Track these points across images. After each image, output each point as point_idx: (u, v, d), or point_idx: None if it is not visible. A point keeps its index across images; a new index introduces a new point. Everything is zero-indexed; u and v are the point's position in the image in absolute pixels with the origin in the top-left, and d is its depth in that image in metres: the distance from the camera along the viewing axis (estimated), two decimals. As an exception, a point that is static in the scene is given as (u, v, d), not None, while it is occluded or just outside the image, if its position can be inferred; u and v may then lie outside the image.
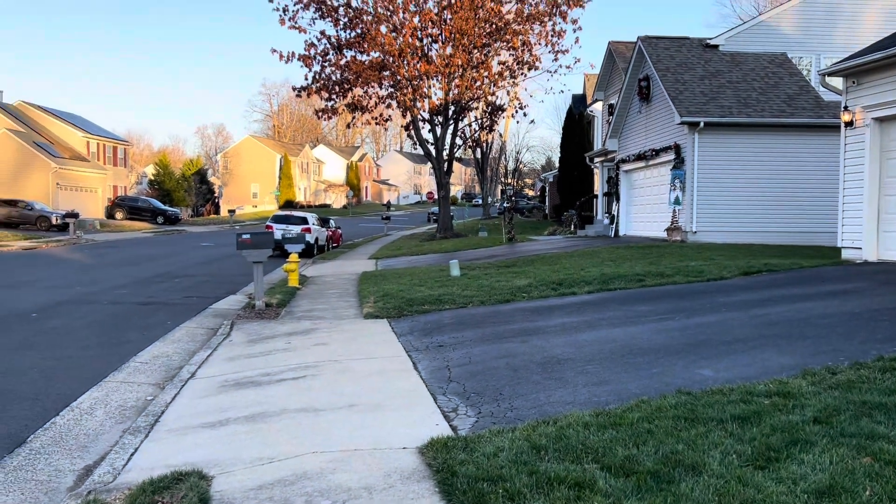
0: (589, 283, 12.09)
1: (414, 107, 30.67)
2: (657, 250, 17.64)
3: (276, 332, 10.00)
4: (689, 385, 5.56)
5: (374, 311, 11.17)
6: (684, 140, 20.10)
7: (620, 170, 25.32)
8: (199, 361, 8.29)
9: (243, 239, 11.69)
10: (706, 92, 20.61)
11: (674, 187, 20.34)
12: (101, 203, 52.59)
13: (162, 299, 14.22)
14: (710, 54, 22.38)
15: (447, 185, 33.62)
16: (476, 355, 7.49)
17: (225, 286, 16.57)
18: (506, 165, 79.43)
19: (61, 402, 6.63)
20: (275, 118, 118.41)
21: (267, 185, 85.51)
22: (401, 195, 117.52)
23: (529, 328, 8.76)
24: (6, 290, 15.25)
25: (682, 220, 20.25)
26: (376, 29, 29.03)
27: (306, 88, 31.59)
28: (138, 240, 36.32)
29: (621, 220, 25.29)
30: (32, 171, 46.88)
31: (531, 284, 12.37)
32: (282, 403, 6.15)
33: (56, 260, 24.00)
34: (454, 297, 11.69)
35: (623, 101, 24.71)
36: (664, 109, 21.35)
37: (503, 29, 30.56)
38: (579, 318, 9.20)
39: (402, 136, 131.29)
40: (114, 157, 57.76)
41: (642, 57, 22.87)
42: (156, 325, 11.05)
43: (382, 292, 12.99)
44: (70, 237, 34.33)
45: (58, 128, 53.70)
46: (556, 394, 5.82)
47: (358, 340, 9.05)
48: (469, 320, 9.74)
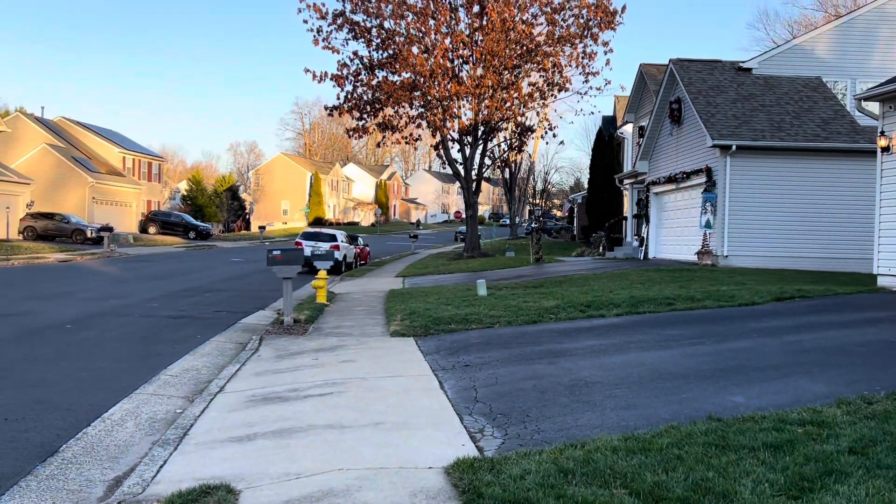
0: (617, 305, 11.99)
1: (444, 126, 30.87)
2: (687, 274, 17.44)
3: (304, 348, 10.06)
4: (720, 411, 5.47)
5: (401, 329, 11.19)
6: (716, 163, 19.93)
7: (650, 192, 25.15)
8: (227, 376, 8.37)
9: (274, 255, 11.82)
10: (738, 115, 20.44)
11: (705, 210, 20.13)
12: (135, 217, 53.60)
13: (192, 313, 14.41)
14: (742, 77, 22.22)
15: (475, 205, 33.66)
16: (503, 376, 7.46)
17: (254, 301, 16.74)
18: (534, 186, 79.47)
19: (93, 412, 6.73)
20: (306, 136, 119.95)
21: (297, 202, 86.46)
22: (428, 214, 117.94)
23: (557, 350, 8.70)
24: (43, 301, 15.58)
25: (712, 243, 20.02)
26: (408, 50, 29.34)
27: (338, 108, 31.98)
28: (170, 254, 36.90)
29: (651, 242, 25.08)
30: (70, 185, 48.01)
31: (559, 306, 12.31)
32: (308, 419, 6.18)
33: (90, 272, 24.47)
34: (481, 316, 11.67)
35: (654, 124, 24.61)
36: (695, 132, 21.22)
37: (534, 51, 30.70)
38: (608, 340, 9.12)
39: (431, 156, 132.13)
40: (148, 173, 58.92)
41: (674, 79, 22.79)
42: (185, 338, 11.19)
43: (409, 310, 13.01)
44: (104, 250, 34.99)
45: (96, 143, 54.99)
46: (583, 417, 5.76)
47: (384, 358, 9.07)
48: (496, 340, 9.71)
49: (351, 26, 30.90)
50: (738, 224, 19.73)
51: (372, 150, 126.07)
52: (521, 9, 30.35)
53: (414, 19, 29.84)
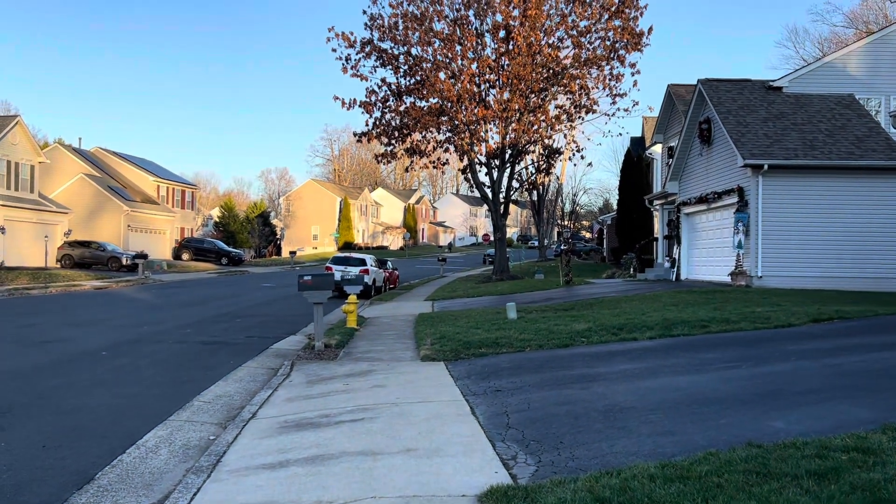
0: (651, 328, 11.82)
1: (471, 150, 31.00)
2: (721, 295, 17.16)
3: (335, 374, 10.07)
4: (760, 437, 5.33)
5: (431, 353, 11.16)
6: (748, 183, 19.68)
7: (681, 212, 24.90)
8: (259, 402, 8.40)
9: (304, 280, 11.90)
10: (770, 134, 20.20)
11: (737, 231, 19.85)
12: (168, 244, 54.51)
13: (224, 339, 14.53)
14: (773, 96, 22.00)
15: (503, 228, 33.63)
16: (535, 401, 7.37)
17: (285, 326, 16.85)
18: (562, 207, 79.22)
19: (128, 439, 6.79)
20: (335, 162, 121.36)
21: (327, 227, 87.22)
22: (457, 237, 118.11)
23: (590, 374, 8.59)
24: (78, 328, 15.86)
25: (746, 264, 19.70)
26: (435, 76, 29.62)
27: (367, 134, 32.32)
28: (203, 280, 37.38)
29: (683, 263, 24.77)
30: (106, 214, 49.06)
31: (590, 329, 12.17)
32: (340, 446, 6.16)
33: (125, 299, 24.87)
34: (511, 340, 11.58)
35: (683, 144, 24.43)
36: (726, 152, 21.00)
37: (560, 73, 30.78)
38: (641, 364, 8.98)
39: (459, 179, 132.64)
40: (182, 201, 59.99)
41: (703, 99, 22.63)
42: (218, 364, 11.27)
43: (439, 334, 12.98)
44: (139, 277, 35.59)
45: (131, 172, 56.23)
46: (618, 443, 5.66)
47: (415, 383, 9.03)
48: (527, 365, 9.62)
49: (379, 54, 31.34)
50: (772, 244, 19.41)
51: (400, 175, 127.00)
52: (547, 32, 30.53)
53: (441, 46, 30.18)
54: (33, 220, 39.73)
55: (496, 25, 30.44)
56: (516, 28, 29.49)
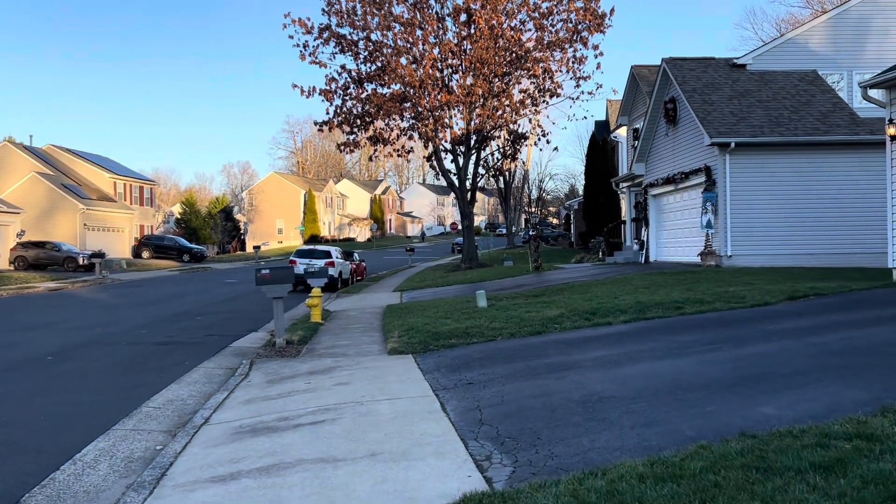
0: (624, 311, 11.46)
1: (436, 137, 30.42)
2: (692, 276, 16.94)
3: (297, 372, 9.51)
4: (752, 426, 4.94)
5: (399, 346, 10.65)
6: (715, 162, 19.48)
7: (648, 194, 24.69)
8: (214, 405, 7.81)
9: (262, 274, 11.28)
10: (735, 112, 20.02)
11: (705, 210, 19.66)
12: (128, 242, 53.01)
13: (182, 339, 13.84)
14: (737, 74, 21.83)
15: (471, 215, 33.17)
16: (509, 394, 6.92)
17: (247, 323, 16.19)
18: (529, 194, 79.08)
19: (65, 454, 6.17)
20: (298, 154, 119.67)
21: (292, 220, 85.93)
22: (424, 227, 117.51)
23: (565, 362, 8.16)
24: (25, 332, 15.00)
25: (715, 243, 19.53)
26: (396, 61, 28.94)
27: (328, 122, 31.52)
28: (163, 278, 36.30)
29: (651, 245, 24.59)
30: (61, 213, 47.44)
31: (563, 315, 11.77)
32: (298, 453, 5.63)
33: (80, 300, 23.88)
34: (482, 329, 11.12)
35: (649, 125, 24.19)
36: (692, 131, 20.79)
37: (523, 57, 30.34)
38: (618, 350, 8.58)
39: (425, 169, 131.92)
40: (140, 197, 58.37)
41: (667, 79, 22.39)
42: (173, 365, 10.62)
43: (407, 326, 12.47)
44: (96, 277, 34.40)
45: (85, 169, 54.49)
46: (600, 437, 5.23)
47: (381, 379, 8.52)
48: (499, 355, 9.17)
49: (337, 40, 30.53)
50: (741, 223, 19.26)
51: (366, 166, 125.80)
52: (508, 15, 30.00)
53: (401, 30, 29.47)
54: (-18, 222, 38.20)
55: (457, 9, 29.81)
56: (477, 11, 28.91)
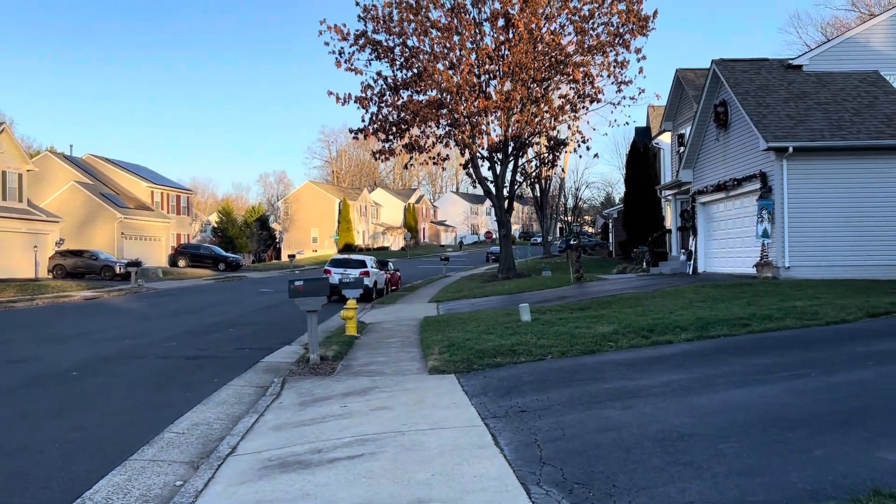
0: (684, 329, 10.55)
1: (473, 144, 29.71)
2: (749, 288, 15.89)
3: (332, 392, 8.81)
4: (880, 477, 4.07)
5: (440, 364, 9.89)
6: (771, 167, 18.40)
7: (696, 202, 23.60)
8: (242, 431, 7.13)
9: (296, 286, 10.63)
10: (793, 115, 18.91)
11: (761, 219, 18.56)
12: (164, 251, 53.27)
13: (212, 352, 13.29)
14: (793, 75, 20.70)
15: (508, 224, 32.37)
16: (570, 426, 6.10)
17: (280, 335, 15.62)
18: (565, 203, 77.89)
19: (74, 489, 5.52)
20: (333, 164, 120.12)
21: (326, 229, 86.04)
22: (458, 235, 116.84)
23: (629, 388, 7.32)
24: (54, 344, 14.59)
25: (772, 254, 18.42)
26: (433, 66, 28.31)
27: (363, 130, 31.05)
28: (198, 287, 36.12)
29: (699, 255, 23.48)
30: (99, 222, 47.84)
31: (617, 331, 10.90)
32: (334, 495, 4.90)
33: (113, 310, 23.62)
34: (529, 346, 10.31)
35: (697, 130, 23.13)
36: (746, 135, 19.72)
37: (564, 61, 29.51)
38: (687, 374, 7.71)
39: (459, 177, 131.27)
40: (177, 206, 58.74)
41: (717, 81, 21.35)
42: (201, 383, 10.02)
43: (448, 342, 11.71)
44: (131, 286, 34.33)
45: (124, 179, 55.00)
46: (691, 487, 4.39)
47: (424, 403, 7.76)
48: (552, 377, 8.35)
49: (373, 46, 30.07)
50: (799, 232, 18.13)
51: (399, 175, 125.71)
52: (548, 18, 29.24)
53: (438, 35, 28.87)
54: (22, 230, 38.46)
55: (495, 13, 29.11)
56: (516, 15, 28.19)
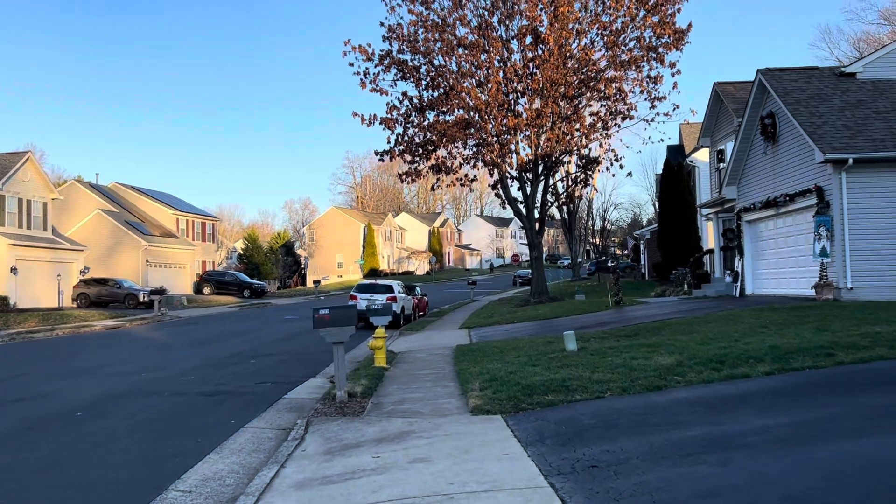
0: (759, 360, 9.30)
1: (502, 163, 28.72)
2: (813, 312, 14.53)
3: (362, 438, 7.70)
4: None
5: (483, 403, 8.74)
6: (828, 181, 17.09)
7: (742, 220, 22.27)
8: (258, 490, 6.05)
9: (321, 315, 9.59)
10: (849, 125, 17.63)
11: (819, 237, 17.22)
12: (189, 278, 52.82)
13: (231, 387, 12.28)
14: (846, 84, 19.43)
15: (539, 246, 31.20)
16: (658, 488, 4.93)
17: (304, 366, 14.60)
18: (592, 224, 76.40)
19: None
20: (358, 189, 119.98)
21: (351, 254, 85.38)
22: (483, 259, 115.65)
23: (717, 436, 6.11)
24: (66, 379, 13.68)
25: (832, 274, 17.04)
26: (460, 84, 27.45)
27: (388, 152, 30.22)
28: (223, 315, 35.37)
29: (747, 276, 22.08)
30: (124, 249, 47.53)
31: (681, 363, 9.67)
32: None
33: (133, 340, 22.82)
34: (584, 382, 9.13)
35: (741, 144, 21.87)
36: (798, 147, 18.45)
37: (595, 77, 28.51)
38: (783, 417, 6.48)
39: (483, 201, 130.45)
40: (203, 233, 58.43)
41: (764, 91, 20.15)
42: (216, 425, 8.99)
43: (488, 375, 10.56)
44: (154, 314, 33.67)
45: (149, 206, 54.85)
46: None
47: (471, 454, 6.62)
48: (618, 420, 7.16)
49: (399, 66, 29.34)
50: (862, 250, 16.75)
51: (423, 199, 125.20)
52: (578, 34, 28.32)
53: (465, 53, 28.05)
54: (47, 259, 38.16)
55: (522, 30, 28.24)
56: (546, 30, 27.30)
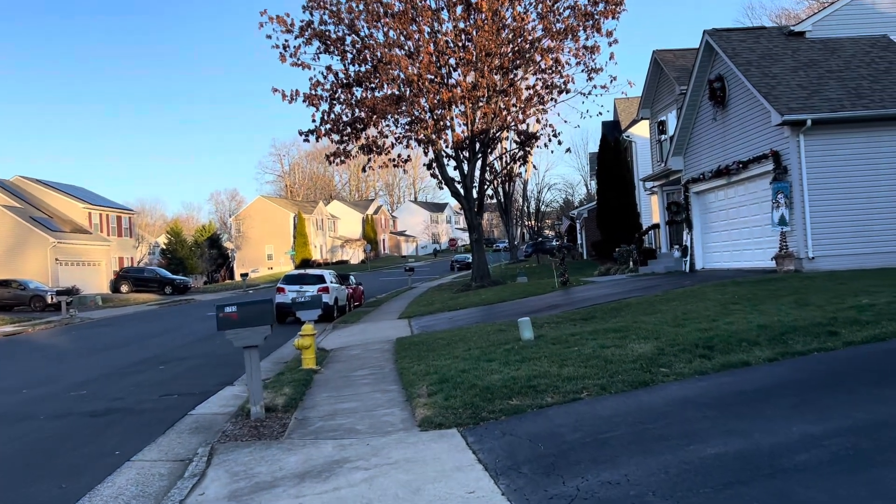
0: (752, 343, 7.94)
1: (437, 140, 27.00)
2: (781, 284, 13.45)
3: (280, 472, 5.91)
4: None
5: (434, 413, 7.06)
6: (785, 145, 16.09)
7: (690, 191, 21.25)
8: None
9: (226, 314, 7.68)
10: (804, 85, 16.67)
11: (777, 204, 16.23)
12: (105, 276, 49.22)
13: (128, 402, 10.25)
14: (796, 43, 18.51)
15: (479, 227, 29.70)
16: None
17: (222, 371, 12.64)
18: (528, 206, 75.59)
19: None
20: (286, 178, 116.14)
21: (282, 245, 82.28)
22: (419, 245, 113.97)
23: (750, 452, 4.60)
24: (-76, 402, 11.31)
25: (792, 244, 16.09)
26: (389, 53, 25.54)
27: (314, 131, 28.11)
28: (139, 314, 32.57)
29: (696, 251, 21.11)
30: (29, 248, 43.69)
31: (661, 350, 8.23)
32: None
33: (29, 349, 20.18)
34: (552, 379, 7.57)
35: (688, 111, 20.80)
36: (752, 111, 17.41)
37: (530, 49, 27.07)
38: (830, 422, 5.03)
39: (417, 187, 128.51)
40: (118, 228, 54.62)
41: (711, 54, 19.06)
42: (95, 459, 7.04)
43: (437, 375, 8.89)
44: (62, 317, 30.65)
45: (57, 201, 50.78)
46: None
47: (423, 494, 4.93)
48: (610, 432, 5.60)
49: (321, 38, 27.20)
50: (823, 217, 15.84)
51: (356, 186, 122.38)
52: (512, 1, 26.76)
53: (392, 21, 26.12)
54: (-64, 262, 34.44)
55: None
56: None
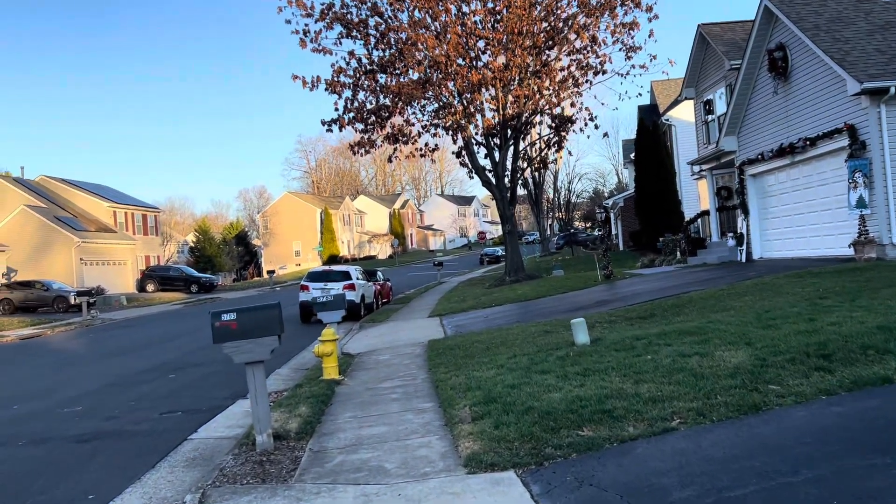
0: (882, 350, 6.28)
1: (468, 125, 25.41)
2: (872, 275, 11.69)
3: (283, 536, 4.45)
4: None
5: (484, 449, 5.53)
6: (863, 117, 14.24)
7: (745, 174, 19.42)
8: None
9: (223, 323, 6.19)
10: (883, 49, 14.78)
11: (854, 184, 14.39)
12: (131, 276, 48.57)
13: (123, 422, 8.91)
14: (868, 4, 16.59)
15: (512, 218, 28.06)
16: None
17: (236, 381, 11.19)
18: (557, 197, 73.58)
19: None
20: (313, 174, 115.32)
21: (309, 241, 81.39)
22: (447, 239, 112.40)
23: None
24: None
25: (872, 228, 14.26)
26: (416, 34, 24.00)
27: (337, 120, 26.70)
28: (162, 314, 31.58)
29: (754, 238, 19.29)
30: (55, 248, 43.11)
31: (762, 360, 6.61)
32: None
33: (43, 352, 19.11)
34: (630, 401, 6.00)
35: (742, 86, 18.95)
36: (819, 82, 15.57)
37: (566, 25, 25.34)
38: None
39: (444, 180, 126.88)
40: (144, 226, 53.96)
41: (770, 20, 17.22)
42: (68, 501, 5.66)
43: (480, 392, 7.37)
44: (83, 318, 29.76)
45: (82, 200, 50.22)
46: None
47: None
48: (736, 487, 4.02)
49: (343, 22, 25.77)
50: (908, 198, 13.98)
51: (382, 181, 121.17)
52: (545, -25, 25.06)
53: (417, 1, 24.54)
54: (-42, 263, 33.86)
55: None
56: (508, -30, 23.98)
